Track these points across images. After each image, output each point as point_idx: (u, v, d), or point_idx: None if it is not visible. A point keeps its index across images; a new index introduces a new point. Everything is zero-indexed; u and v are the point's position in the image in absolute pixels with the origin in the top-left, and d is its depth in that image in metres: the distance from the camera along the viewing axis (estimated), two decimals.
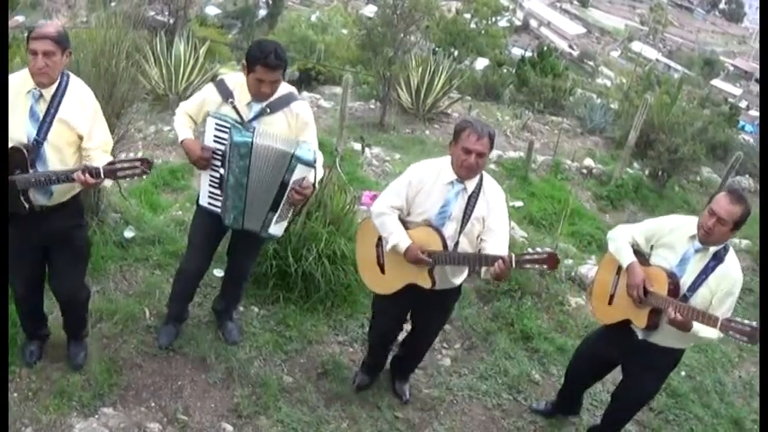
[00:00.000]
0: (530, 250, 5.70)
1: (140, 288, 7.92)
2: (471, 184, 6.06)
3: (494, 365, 8.17)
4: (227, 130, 6.08)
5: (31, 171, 5.51)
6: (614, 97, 27.93)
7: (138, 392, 6.70)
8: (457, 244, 6.10)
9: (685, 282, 6.06)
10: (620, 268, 6.45)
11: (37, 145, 5.55)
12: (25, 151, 5.49)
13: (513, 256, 5.65)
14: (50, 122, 5.56)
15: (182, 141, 6.39)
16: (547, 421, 7.59)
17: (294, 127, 6.31)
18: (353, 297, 8.39)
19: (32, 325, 6.63)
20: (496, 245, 5.96)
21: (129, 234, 8.54)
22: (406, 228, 6.19)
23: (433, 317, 6.81)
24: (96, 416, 6.32)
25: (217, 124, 6.14)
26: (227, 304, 7.50)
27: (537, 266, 5.69)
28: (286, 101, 6.31)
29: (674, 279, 6.06)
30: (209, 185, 6.38)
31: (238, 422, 6.70)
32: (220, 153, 6.19)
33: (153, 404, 6.65)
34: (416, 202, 6.17)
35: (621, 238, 6.44)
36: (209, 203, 6.44)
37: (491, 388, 7.85)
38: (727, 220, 5.80)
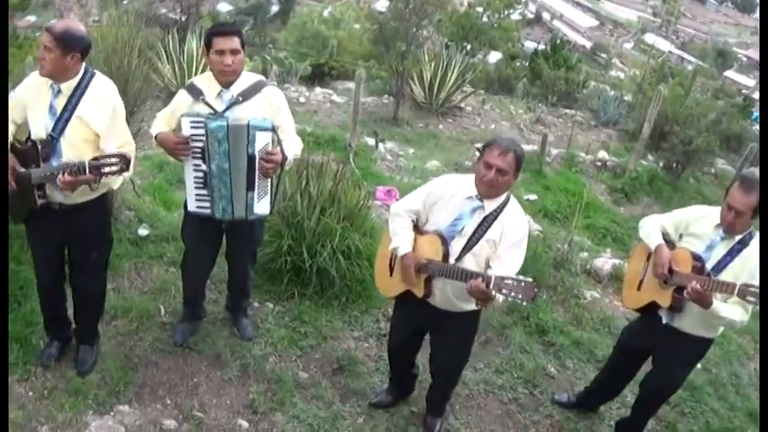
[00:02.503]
0: (512, 275, 5.49)
1: (155, 285, 7.94)
2: (491, 205, 5.87)
3: (509, 359, 8.16)
4: (203, 125, 6.10)
5: (42, 165, 5.54)
6: (628, 89, 27.86)
7: (153, 390, 6.72)
8: (459, 261, 5.92)
9: (710, 264, 6.16)
10: (650, 256, 6.57)
11: (52, 140, 5.59)
12: (39, 145, 5.52)
13: (494, 277, 5.46)
14: (67, 119, 5.60)
15: (155, 137, 6.41)
16: (563, 415, 7.57)
17: (269, 113, 6.33)
18: (368, 292, 8.38)
19: (54, 325, 6.68)
20: (497, 272, 5.72)
21: (143, 232, 8.56)
22: (420, 233, 6.15)
23: (443, 345, 6.60)
24: (112, 413, 6.34)
25: (191, 122, 6.16)
26: (238, 301, 7.54)
27: (513, 294, 5.40)
28: (257, 88, 6.36)
29: (699, 261, 6.16)
30: (195, 187, 6.38)
31: (254, 418, 6.71)
32: (199, 150, 6.21)
33: (168, 401, 6.66)
34: (433, 211, 6.07)
35: (651, 225, 6.62)
36: (198, 207, 6.45)
37: (507, 382, 7.84)
38: (745, 212, 5.96)
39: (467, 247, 5.89)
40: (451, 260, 5.89)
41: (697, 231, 6.33)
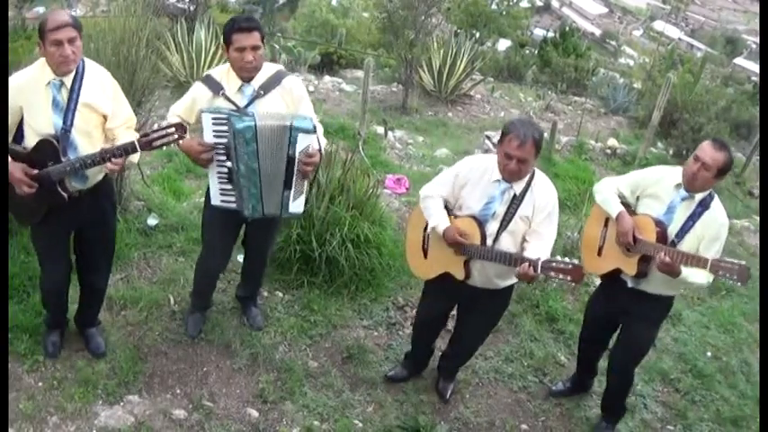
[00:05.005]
0: (558, 258, 5.63)
1: (164, 275, 7.95)
2: (519, 185, 6.00)
3: (519, 348, 8.17)
4: (226, 122, 6.01)
5: (63, 160, 5.54)
6: (637, 77, 27.74)
7: (163, 379, 6.74)
8: (496, 241, 6.04)
9: (673, 229, 6.22)
10: (607, 220, 6.61)
11: (65, 133, 5.59)
12: (55, 141, 5.52)
13: (541, 261, 5.60)
14: (75, 109, 5.61)
15: (179, 144, 6.29)
16: (573, 403, 7.58)
17: (290, 103, 6.28)
18: (378, 281, 8.39)
19: (58, 312, 6.68)
20: (537, 248, 5.88)
21: (152, 221, 8.56)
22: (454, 217, 6.20)
23: (475, 318, 6.75)
24: (121, 403, 6.37)
25: (213, 119, 6.07)
26: (250, 290, 7.54)
27: (561, 277, 5.57)
28: (277, 79, 6.27)
29: (661, 226, 6.22)
30: (219, 182, 6.32)
31: (264, 408, 6.73)
32: (223, 146, 6.13)
33: (178, 391, 6.68)
34: (462, 195, 6.16)
35: (608, 190, 6.62)
36: (223, 201, 6.38)
37: (516, 371, 7.85)
38: (711, 166, 6.02)
39: (502, 227, 6.03)
40: (489, 242, 6.03)
41: (656, 192, 6.37)
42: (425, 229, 6.43)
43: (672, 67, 23.98)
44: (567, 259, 5.58)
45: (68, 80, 5.60)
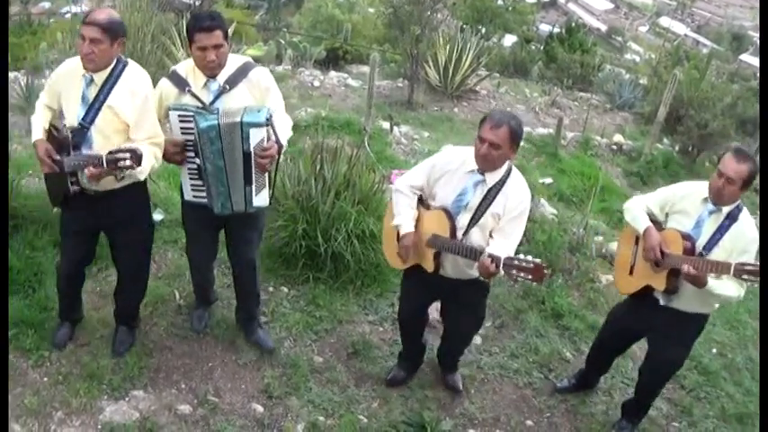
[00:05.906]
0: (521, 256, 5.54)
1: (169, 270, 7.96)
2: (492, 178, 5.95)
3: (524, 344, 8.17)
4: (192, 119, 5.97)
5: (72, 153, 5.60)
6: (643, 73, 27.64)
7: (168, 374, 6.76)
8: (466, 234, 6.03)
9: (701, 242, 6.18)
10: (638, 238, 6.56)
11: (82, 129, 5.65)
12: (69, 134, 5.57)
13: (503, 258, 5.55)
14: (98, 108, 5.67)
15: None
16: (578, 399, 7.57)
17: (258, 95, 6.20)
18: (383, 276, 8.39)
19: (69, 307, 6.74)
20: (501, 246, 5.84)
21: (157, 217, 8.55)
22: (427, 209, 6.20)
23: (457, 309, 6.74)
24: (127, 399, 6.38)
25: (180, 116, 6.06)
26: (249, 310, 7.32)
27: (522, 275, 5.49)
28: (243, 72, 6.18)
29: (689, 240, 6.17)
30: (190, 178, 6.34)
31: (269, 403, 6.74)
32: (191, 143, 6.12)
33: (183, 386, 6.68)
34: (438, 185, 6.14)
35: (637, 208, 6.60)
36: (195, 196, 6.40)
37: (522, 366, 7.85)
38: (736, 180, 5.98)
39: (473, 221, 6.01)
40: (459, 234, 6.01)
41: (684, 208, 6.34)
42: None
43: (678, 64, 23.96)
44: (529, 257, 5.50)
45: (100, 78, 5.67)
